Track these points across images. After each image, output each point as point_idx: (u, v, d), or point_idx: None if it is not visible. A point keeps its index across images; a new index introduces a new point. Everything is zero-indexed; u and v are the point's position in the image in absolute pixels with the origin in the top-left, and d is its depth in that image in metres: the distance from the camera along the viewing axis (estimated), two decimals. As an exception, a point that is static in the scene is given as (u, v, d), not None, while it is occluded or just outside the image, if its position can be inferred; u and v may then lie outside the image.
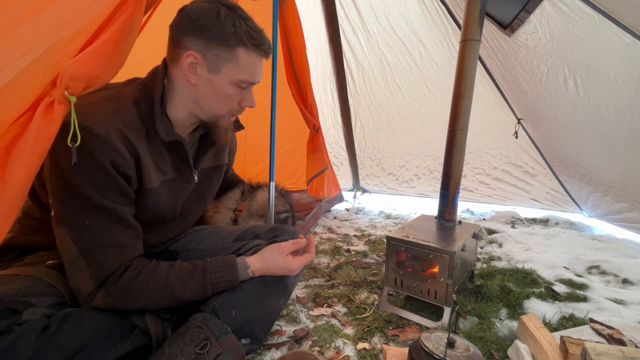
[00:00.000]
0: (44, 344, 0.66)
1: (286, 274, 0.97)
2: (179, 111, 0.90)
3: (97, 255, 0.77)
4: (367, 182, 3.51)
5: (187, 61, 0.82)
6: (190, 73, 0.84)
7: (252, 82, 0.90)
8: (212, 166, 1.11)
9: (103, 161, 0.74)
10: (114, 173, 0.77)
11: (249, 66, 0.86)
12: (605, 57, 1.67)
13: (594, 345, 0.82)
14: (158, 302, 0.84)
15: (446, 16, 2.21)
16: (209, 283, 0.87)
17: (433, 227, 1.43)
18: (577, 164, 2.34)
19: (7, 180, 0.56)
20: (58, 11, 0.60)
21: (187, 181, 1.00)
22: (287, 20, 1.90)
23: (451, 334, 0.83)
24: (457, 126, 1.44)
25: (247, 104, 0.93)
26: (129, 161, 0.80)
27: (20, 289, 0.75)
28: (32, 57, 0.56)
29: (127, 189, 0.81)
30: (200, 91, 0.87)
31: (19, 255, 0.91)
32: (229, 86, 0.87)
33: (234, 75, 0.85)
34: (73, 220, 0.76)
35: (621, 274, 1.62)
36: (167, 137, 0.86)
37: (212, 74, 0.85)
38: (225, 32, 0.81)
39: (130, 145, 0.80)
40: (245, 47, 0.84)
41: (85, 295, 0.78)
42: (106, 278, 0.78)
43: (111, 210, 0.78)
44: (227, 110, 0.91)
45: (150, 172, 0.86)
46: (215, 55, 0.83)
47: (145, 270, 0.82)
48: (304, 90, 2.08)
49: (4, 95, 0.54)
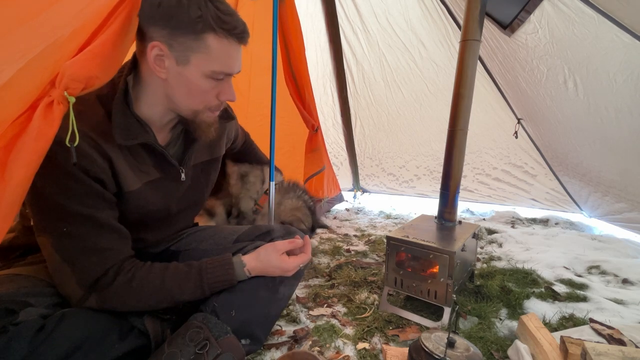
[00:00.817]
0: (39, 344, 0.66)
1: (281, 273, 0.95)
2: (152, 108, 0.83)
3: (80, 261, 0.75)
4: (367, 182, 3.51)
5: (153, 53, 0.74)
6: (158, 67, 0.76)
7: (227, 72, 0.81)
8: (207, 160, 1.06)
9: (71, 168, 0.70)
10: (85, 178, 0.73)
11: (221, 55, 0.77)
12: (605, 57, 1.67)
13: (594, 345, 0.82)
14: (155, 305, 0.84)
15: (446, 16, 2.21)
16: (206, 284, 0.86)
17: (433, 227, 1.43)
18: (577, 164, 2.34)
19: (6, 180, 0.56)
20: (56, 11, 0.60)
21: (175, 180, 0.94)
22: (285, 21, 1.90)
23: (451, 334, 0.82)
24: (457, 126, 1.44)
25: (226, 97, 0.84)
26: (100, 164, 0.75)
27: (19, 289, 0.75)
28: (31, 57, 0.56)
29: (102, 193, 0.77)
30: (172, 86, 0.79)
31: (21, 255, 0.91)
32: (202, 79, 0.78)
33: (205, 66, 0.77)
34: (52, 229, 0.73)
35: (621, 274, 1.62)
36: (126, 141, 0.77)
37: (181, 66, 0.76)
38: (191, 17, 0.72)
39: (100, 148, 0.75)
40: (215, 32, 0.74)
41: (76, 300, 0.77)
42: (95, 282, 0.76)
43: (88, 216, 0.74)
44: (203, 105, 0.84)
45: (126, 175, 0.81)
46: (182, 45, 0.74)
47: (138, 273, 0.81)
48: (302, 90, 2.08)
49: (3, 95, 0.54)
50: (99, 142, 0.75)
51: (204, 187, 1.09)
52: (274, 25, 1.49)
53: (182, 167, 0.94)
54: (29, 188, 0.60)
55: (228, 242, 1.06)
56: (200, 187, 1.06)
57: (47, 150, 0.63)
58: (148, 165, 0.87)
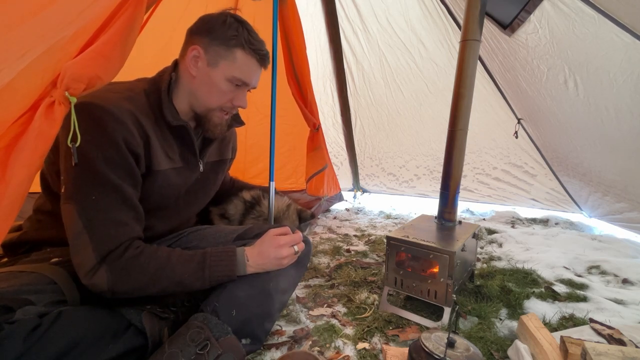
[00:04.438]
0: (33, 343, 0.66)
1: (275, 251, 0.95)
2: (181, 102, 0.98)
3: (100, 230, 0.80)
4: (367, 182, 3.51)
5: (191, 54, 0.93)
6: (192, 65, 0.93)
7: (245, 81, 0.97)
8: (216, 160, 1.17)
9: (116, 137, 0.80)
10: (125, 150, 0.82)
11: (244, 66, 0.95)
12: (605, 57, 1.67)
13: (594, 345, 0.82)
14: (157, 283, 0.84)
15: (446, 16, 2.21)
16: (208, 266, 0.88)
17: (433, 227, 1.43)
18: (577, 164, 2.34)
19: (7, 180, 0.56)
20: (58, 11, 0.60)
21: (193, 170, 1.05)
22: (287, 20, 1.90)
23: (451, 334, 0.83)
24: (457, 126, 1.44)
25: (239, 103, 1.00)
26: (139, 141, 0.85)
27: (21, 286, 0.75)
28: (32, 58, 0.56)
29: (134, 170, 0.85)
30: (197, 83, 0.95)
31: (27, 251, 0.93)
32: (223, 81, 0.94)
33: (229, 71, 0.94)
34: (81, 195, 0.79)
35: (621, 274, 1.62)
36: (174, 121, 0.93)
37: (210, 67, 0.93)
38: (228, 35, 0.92)
39: (141, 128, 0.86)
40: (243, 49, 0.93)
41: (86, 270, 0.79)
42: (108, 253, 0.80)
43: (117, 188, 0.82)
44: (218, 104, 0.98)
45: (159, 155, 0.92)
46: (215, 52, 0.92)
47: (147, 250, 0.85)
48: (304, 89, 2.08)
49: (4, 96, 0.54)
50: (141, 121, 0.86)
51: (212, 184, 1.18)
52: (274, 25, 1.49)
53: (200, 160, 1.06)
54: (29, 187, 0.60)
55: (228, 240, 1.08)
56: (209, 184, 1.16)
57: (99, 119, 0.78)
58: (175, 153, 0.98)
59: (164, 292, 0.87)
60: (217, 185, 1.22)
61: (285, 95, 2.04)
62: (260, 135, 2.43)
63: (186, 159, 1.01)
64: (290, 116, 2.45)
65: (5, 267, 0.85)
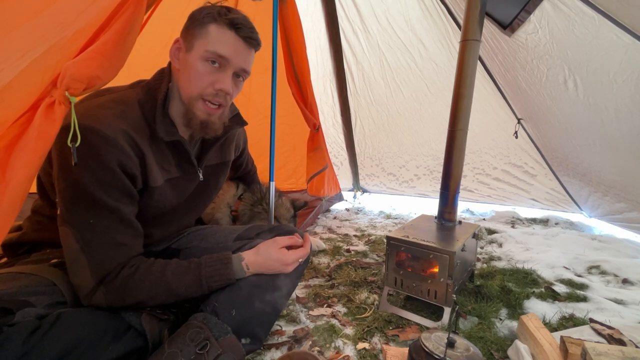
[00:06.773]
0: (32, 346, 0.65)
1: (280, 267, 0.95)
2: (174, 107, 0.93)
3: (98, 253, 0.79)
4: (367, 182, 3.51)
5: (174, 47, 0.90)
6: (175, 58, 0.90)
7: (220, 54, 0.85)
8: (217, 162, 1.13)
9: (110, 161, 0.78)
10: (120, 173, 0.80)
11: (217, 38, 0.85)
12: (605, 57, 1.67)
13: (594, 345, 0.82)
14: (155, 297, 0.84)
15: (446, 16, 2.21)
16: (204, 277, 0.87)
17: (433, 227, 1.43)
18: (577, 164, 2.34)
19: (7, 180, 0.56)
20: (58, 11, 0.60)
21: (191, 179, 1.03)
22: (287, 20, 1.90)
23: (451, 334, 0.83)
24: (457, 126, 1.44)
25: (220, 86, 0.87)
26: (134, 161, 0.83)
27: (20, 287, 0.75)
28: (33, 58, 0.56)
29: (131, 189, 0.84)
30: (180, 75, 0.89)
31: (27, 252, 0.93)
32: (199, 61, 0.86)
33: (202, 47, 0.85)
34: (77, 219, 0.78)
35: (621, 274, 1.62)
36: (167, 137, 0.89)
37: (187, 53, 0.87)
38: (202, 15, 0.86)
39: (135, 146, 0.83)
40: (216, 22, 0.85)
41: (85, 292, 0.79)
42: (105, 276, 0.79)
43: (114, 210, 0.80)
44: (197, 90, 0.87)
45: (154, 171, 0.89)
46: (191, 35, 0.87)
47: (142, 267, 0.84)
48: (304, 89, 2.08)
49: (4, 96, 0.54)
50: (135, 139, 0.83)
51: (213, 188, 1.16)
52: (274, 25, 1.49)
53: (199, 167, 1.03)
54: (29, 188, 0.60)
55: (228, 240, 1.07)
56: (209, 188, 1.13)
57: (91, 144, 0.74)
58: (170, 164, 0.95)
59: (164, 303, 0.87)
60: (219, 187, 1.20)
61: (285, 95, 2.04)
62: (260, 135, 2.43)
63: (183, 169, 0.99)
64: (290, 116, 2.45)
65: (5, 268, 0.84)
